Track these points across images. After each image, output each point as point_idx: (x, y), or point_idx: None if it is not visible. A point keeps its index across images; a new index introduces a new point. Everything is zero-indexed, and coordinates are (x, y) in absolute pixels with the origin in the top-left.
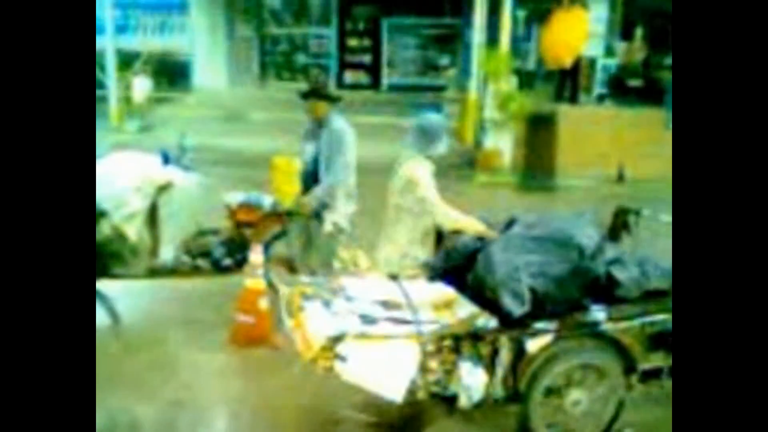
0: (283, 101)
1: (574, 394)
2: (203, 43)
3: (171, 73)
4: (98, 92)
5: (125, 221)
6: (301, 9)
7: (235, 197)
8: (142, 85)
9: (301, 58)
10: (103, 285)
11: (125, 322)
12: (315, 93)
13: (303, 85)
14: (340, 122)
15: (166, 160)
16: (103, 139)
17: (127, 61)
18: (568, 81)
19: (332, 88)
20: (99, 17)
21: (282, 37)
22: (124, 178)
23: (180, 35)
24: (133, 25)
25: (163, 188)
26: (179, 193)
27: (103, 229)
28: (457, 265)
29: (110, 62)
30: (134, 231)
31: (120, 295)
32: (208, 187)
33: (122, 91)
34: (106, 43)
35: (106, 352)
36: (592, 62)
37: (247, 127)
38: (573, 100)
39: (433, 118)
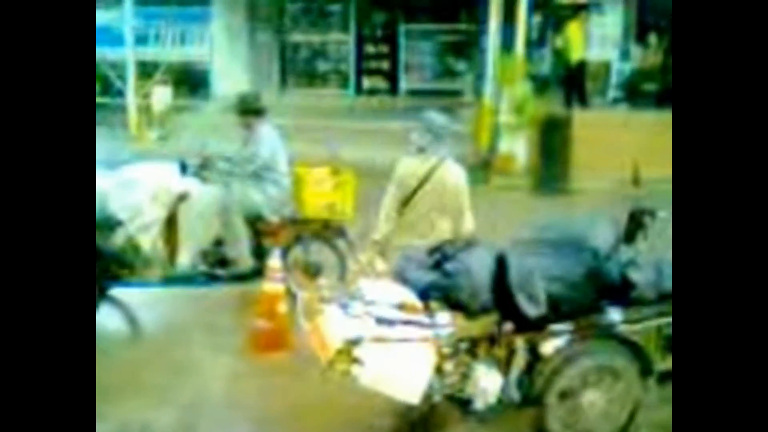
0: (303, 107)
1: (590, 396)
2: (223, 52)
3: (191, 82)
4: (118, 101)
5: (141, 231)
6: (320, 16)
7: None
8: (162, 95)
9: (320, 65)
10: (121, 293)
11: (143, 329)
12: None
13: (322, 92)
14: None
15: (184, 170)
16: (122, 148)
17: (147, 70)
18: (575, 87)
19: (351, 93)
20: (120, 28)
21: (301, 44)
22: (141, 188)
23: (200, 45)
24: (153, 36)
25: (181, 198)
26: (197, 203)
27: (118, 239)
28: None
29: (130, 72)
30: (149, 241)
31: (139, 303)
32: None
33: (142, 100)
34: (126, 54)
35: (124, 358)
36: (607, 66)
37: None
38: (583, 104)
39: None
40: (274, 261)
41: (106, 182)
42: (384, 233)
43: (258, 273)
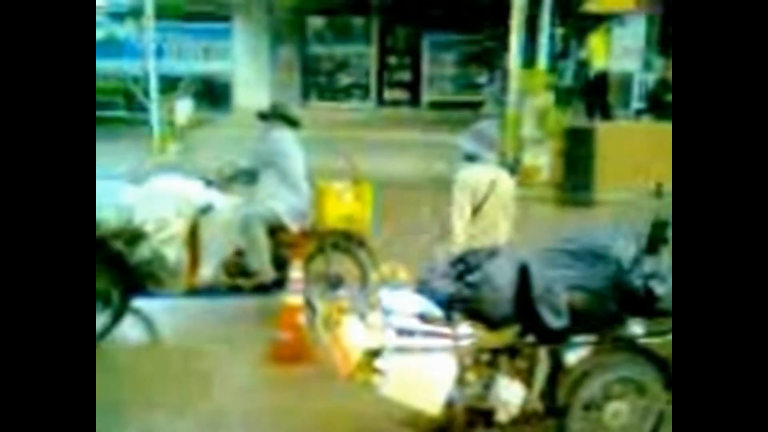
0: (325, 120)
1: (613, 408)
2: (246, 66)
3: (213, 95)
4: (141, 115)
5: (165, 243)
6: (342, 29)
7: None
8: (184, 108)
9: (342, 78)
10: (142, 303)
11: (164, 340)
12: None
13: (344, 104)
14: None
15: (208, 183)
16: (145, 161)
17: (170, 84)
18: (597, 98)
19: (373, 105)
20: (142, 42)
21: (324, 57)
22: (165, 201)
23: (223, 59)
24: (176, 50)
25: (204, 211)
26: (219, 215)
27: (143, 251)
28: None
29: (153, 86)
30: (174, 253)
31: (159, 314)
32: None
33: (165, 113)
34: (149, 68)
35: (145, 369)
36: (630, 77)
37: None
38: (605, 116)
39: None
40: (295, 272)
41: (130, 195)
42: (461, 243)
43: (279, 284)
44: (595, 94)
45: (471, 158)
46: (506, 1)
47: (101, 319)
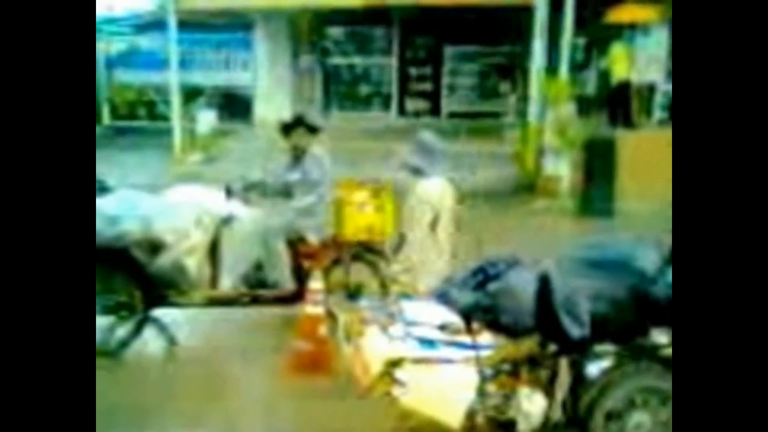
0: (346, 131)
1: (636, 418)
2: (266, 77)
3: (234, 106)
4: (163, 125)
5: (186, 254)
6: (363, 40)
7: None
8: (205, 118)
9: (363, 88)
10: (161, 313)
11: (183, 350)
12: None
13: (365, 114)
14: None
15: (229, 193)
16: (167, 170)
17: (191, 95)
18: (620, 108)
19: (393, 115)
20: (165, 53)
21: (344, 68)
22: (186, 211)
23: (244, 70)
24: (198, 61)
25: (226, 221)
26: (240, 227)
27: (164, 261)
28: None
29: (175, 96)
30: (194, 263)
31: (178, 324)
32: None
33: (186, 124)
34: (171, 78)
35: (164, 379)
36: (653, 87)
37: None
38: (628, 125)
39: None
40: (315, 283)
41: (151, 205)
42: (421, 257)
43: (298, 295)
44: (618, 103)
45: (418, 172)
46: (526, 11)
47: (122, 329)
